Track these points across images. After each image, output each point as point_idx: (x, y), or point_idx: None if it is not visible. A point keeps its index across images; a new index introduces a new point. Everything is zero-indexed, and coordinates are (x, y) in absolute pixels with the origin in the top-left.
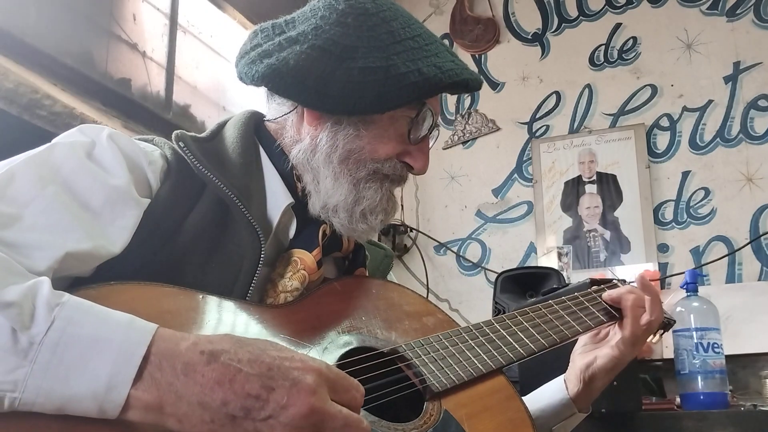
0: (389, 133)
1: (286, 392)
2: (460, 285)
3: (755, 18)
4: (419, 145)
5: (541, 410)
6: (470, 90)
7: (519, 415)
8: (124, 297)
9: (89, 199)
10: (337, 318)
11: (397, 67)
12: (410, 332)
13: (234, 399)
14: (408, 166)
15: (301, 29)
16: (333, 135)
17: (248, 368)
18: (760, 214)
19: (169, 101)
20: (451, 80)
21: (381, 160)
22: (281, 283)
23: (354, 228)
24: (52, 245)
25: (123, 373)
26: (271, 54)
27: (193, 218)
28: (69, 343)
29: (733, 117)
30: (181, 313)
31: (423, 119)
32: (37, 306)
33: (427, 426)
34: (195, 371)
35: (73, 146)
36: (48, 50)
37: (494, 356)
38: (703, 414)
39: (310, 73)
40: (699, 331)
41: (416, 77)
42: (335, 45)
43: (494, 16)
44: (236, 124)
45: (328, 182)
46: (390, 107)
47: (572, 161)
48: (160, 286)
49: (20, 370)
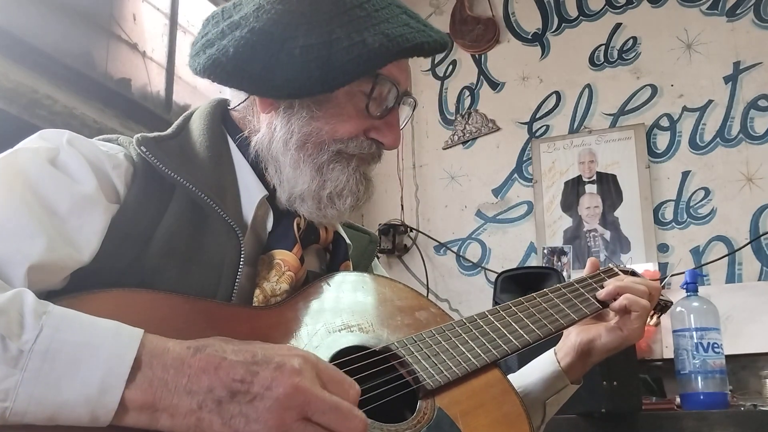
0: (347, 110)
1: (270, 374)
2: (460, 285)
3: (755, 18)
4: (386, 118)
5: (533, 384)
6: (428, 54)
7: (514, 408)
8: (109, 304)
9: (55, 206)
10: (328, 317)
11: (340, 40)
12: (403, 328)
13: (219, 384)
14: (377, 142)
15: (244, 12)
16: (287, 120)
17: (233, 356)
18: (760, 214)
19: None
20: (400, 47)
21: (344, 139)
22: (269, 287)
23: (324, 214)
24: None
25: (116, 374)
26: (213, 43)
27: (166, 222)
28: (59, 349)
29: (733, 117)
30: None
31: (381, 92)
32: (24, 314)
33: (420, 425)
34: (183, 363)
35: (36, 152)
36: (48, 50)
37: (489, 350)
38: (703, 414)
39: (251, 59)
40: (699, 331)
41: (360, 49)
42: (276, 25)
43: (494, 16)
44: (202, 114)
45: (288, 171)
46: (338, 85)
47: (572, 161)
48: (146, 292)
49: (11, 378)
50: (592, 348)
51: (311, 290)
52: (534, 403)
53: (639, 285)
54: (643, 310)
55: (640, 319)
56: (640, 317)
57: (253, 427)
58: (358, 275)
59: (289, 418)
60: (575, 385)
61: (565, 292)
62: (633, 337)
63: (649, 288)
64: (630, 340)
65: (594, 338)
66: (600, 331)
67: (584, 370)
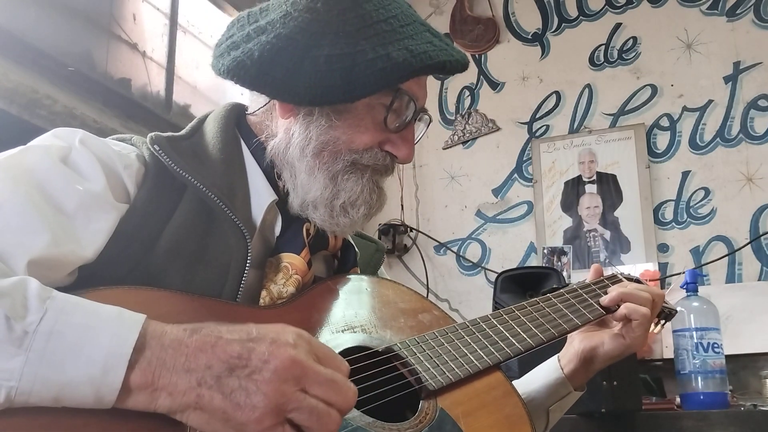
0: (366, 121)
1: (266, 348)
2: (460, 285)
3: (755, 18)
4: (402, 132)
5: (537, 391)
6: (448, 73)
7: (516, 411)
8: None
9: (62, 202)
10: (332, 317)
11: (365, 53)
12: (406, 330)
13: (217, 361)
14: (392, 155)
15: (271, 17)
16: (305, 127)
17: (228, 335)
18: (760, 214)
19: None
20: (423, 64)
21: (359, 150)
22: (276, 290)
23: (336, 223)
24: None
25: (118, 354)
26: (239, 46)
27: (175, 221)
28: (62, 331)
29: (733, 117)
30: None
31: (400, 106)
32: (28, 297)
33: (422, 425)
34: (180, 343)
35: (48, 150)
36: (48, 50)
37: (491, 352)
38: (703, 414)
39: (275, 64)
40: (699, 331)
41: (384, 63)
42: (302, 33)
43: (494, 16)
44: (216, 117)
45: (303, 177)
46: (359, 96)
47: (572, 161)
48: (150, 290)
49: (16, 358)
50: (595, 355)
51: (317, 291)
52: (537, 409)
53: (642, 293)
54: (644, 319)
55: (642, 328)
56: (642, 325)
57: (254, 399)
58: (361, 277)
59: (288, 389)
60: (579, 392)
61: (569, 297)
62: (635, 346)
63: (653, 295)
64: (632, 348)
65: (597, 345)
66: (603, 339)
67: (587, 377)
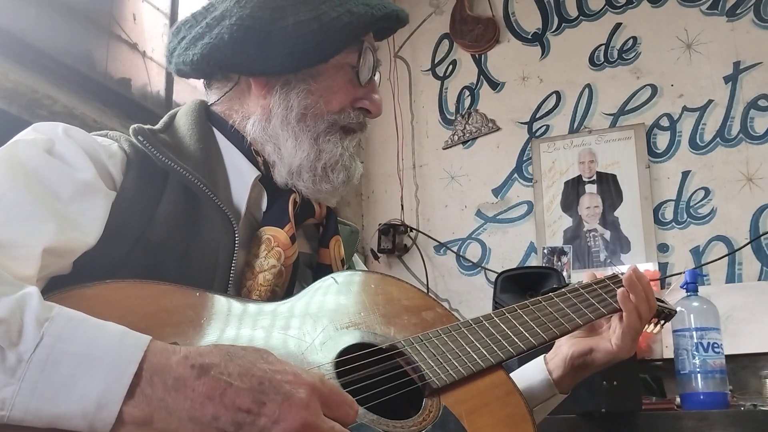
0: (338, 82)
1: (277, 406)
2: (460, 285)
3: (755, 18)
4: (368, 87)
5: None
6: (401, 22)
7: (519, 410)
8: (120, 295)
9: (58, 191)
10: (335, 314)
11: (328, 13)
12: (409, 327)
13: (225, 413)
14: (364, 111)
15: (223, 7)
16: (285, 96)
17: (239, 382)
18: (760, 214)
19: (169, 101)
20: (382, 13)
21: (336, 111)
22: (257, 263)
23: (319, 189)
24: (28, 243)
25: (114, 391)
26: (203, 36)
27: (162, 210)
28: (58, 360)
29: (733, 117)
30: (178, 310)
31: (366, 60)
32: (25, 321)
33: (426, 423)
34: (185, 386)
35: (33, 143)
36: (48, 50)
37: (494, 351)
38: (703, 414)
39: (246, 42)
40: (699, 331)
41: (348, 18)
42: (263, 9)
43: (494, 16)
44: (187, 112)
45: (289, 144)
46: (332, 53)
47: (572, 161)
48: (156, 284)
49: (8, 388)
50: (583, 362)
51: (320, 286)
52: None
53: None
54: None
55: (630, 337)
56: (629, 335)
57: None
58: (365, 274)
59: None
60: (563, 395)
61: (571, 296)
62: (623, 353)
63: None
64: (620, 357)
65: (585, 352)
66: (591, 345)
67: (574, 383)
